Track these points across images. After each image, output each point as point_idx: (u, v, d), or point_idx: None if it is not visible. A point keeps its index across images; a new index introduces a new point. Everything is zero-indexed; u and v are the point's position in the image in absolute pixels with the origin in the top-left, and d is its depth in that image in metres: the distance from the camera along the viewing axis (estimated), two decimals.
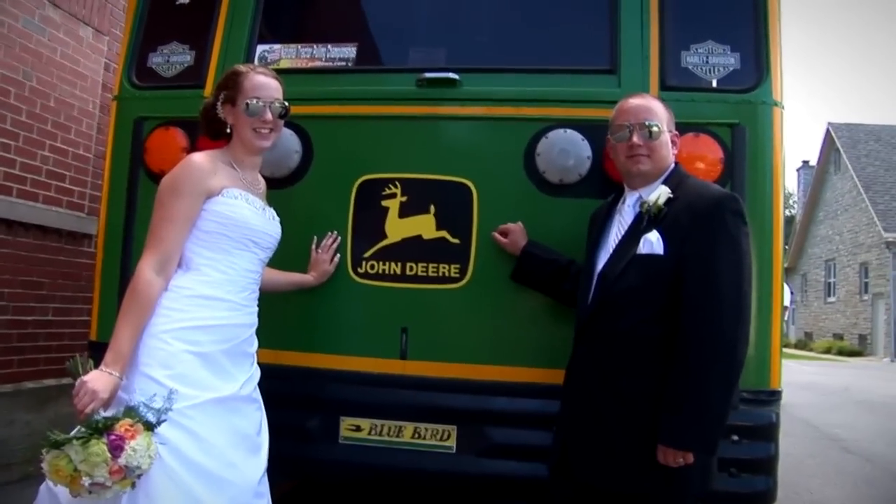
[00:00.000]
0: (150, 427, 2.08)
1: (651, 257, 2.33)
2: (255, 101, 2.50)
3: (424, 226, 3.07)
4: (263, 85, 2.54)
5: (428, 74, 3.08)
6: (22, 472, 4.48)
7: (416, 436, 2.97)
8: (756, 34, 3.03)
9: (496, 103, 3.06)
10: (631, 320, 2.34)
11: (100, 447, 2.00)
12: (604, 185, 2.91)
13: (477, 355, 2.98)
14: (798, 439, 7.73)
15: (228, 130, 2.56)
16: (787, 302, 10.87)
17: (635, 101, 2.55)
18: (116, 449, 2.00)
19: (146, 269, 2.28)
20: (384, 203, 3.08)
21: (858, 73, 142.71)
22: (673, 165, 2.53)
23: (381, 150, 3.11)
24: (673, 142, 2.54)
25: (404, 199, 3.07)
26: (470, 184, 3.03)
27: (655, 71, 3.00)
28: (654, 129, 2.46)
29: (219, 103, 2.55)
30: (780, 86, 3.01)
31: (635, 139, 2.47)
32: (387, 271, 3.05)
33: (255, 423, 2.48)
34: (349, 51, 3.29)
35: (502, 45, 3.29)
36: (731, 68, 3.02)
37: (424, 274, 3.03)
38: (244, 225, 2.45)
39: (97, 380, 2.13)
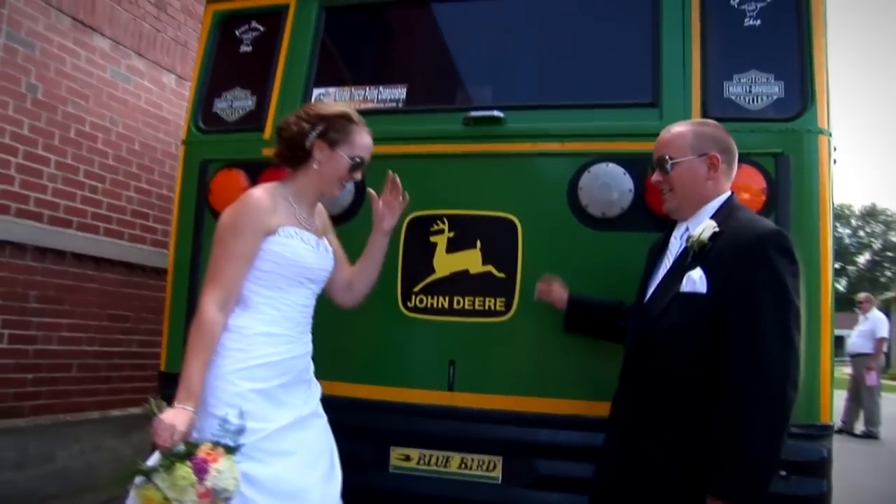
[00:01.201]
0: (230, 451, 2.15)
1: (693, 296, 2.24)
2: (360, 159, 2.58)
3: (471, 260, 3.15)
4: (369, 146, 2.62)
5: (473, 113, 3.18)
6: (108, 495, 4.76)
7: (463, 466, 3.04)
8: (800, 61, 3.00)
9: (539, 139, 3.12)
10: (672, 360, 2.27)
11: (185, 470, 2.05)
12: (646, 218, 2.93)
13: (522, 387, 3.02)
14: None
15: (305, 162, 2.57)
16: (884, 333, 10.42)
17: (659, 136, 2.51)
18: (201, 472, 2.06)
19: (210, 305, 2.35)
20: (433, 239, 3.18)
21: None
22: (727, 195, 2.42)
23: (430, 187, 3.21)
24: (712, 165, 2.39)
25: (451, 234, 3.16)
26: (515, 219, 3.09)
27: (697, 102, 3.01)
28: (666, 161, 2.40)
29: (313, 134, 2.55)
30: (826, 113, 2.97)
31: (654, 177, 2.46)
32: (435, 305, 3.14)
33: (324, 440, 2.56)
34: (399, 92, 3.43)
35: (546, 82, 3.36)
36: (775, 97, 2.99)
37: (471, 308, 3.11)
38: (299, 264, 2.49)
39: (174, 416, 2.19)
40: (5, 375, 4.36)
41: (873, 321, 10.27)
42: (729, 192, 2.44)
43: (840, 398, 11.23)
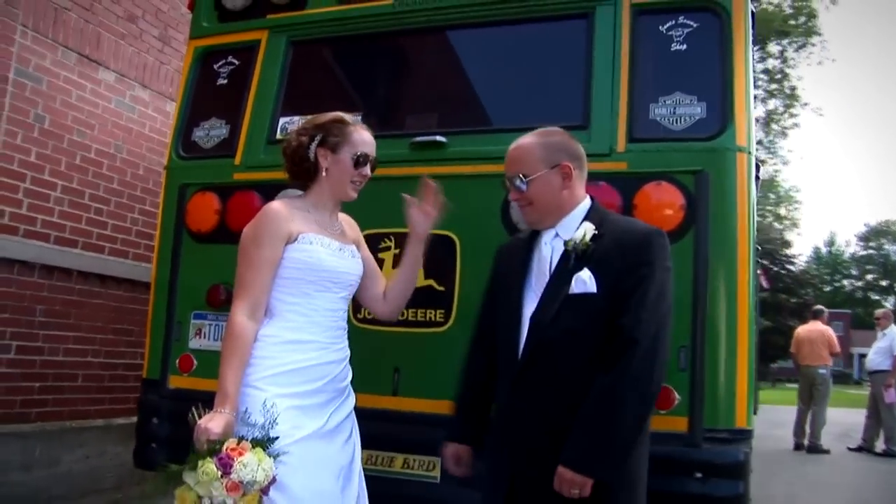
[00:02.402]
0: (257, 444, 2.19)
1: (585, 297, 2.29)
2: (363, 155, 2.62)
3: None
4: (370, 142, 2.66)
5: (418, 138, 3.42)
6: (110, 498, 5.07)
7: (406, 466, 3.24)
8: (721, 83, 3.17)
9: (477, 162, 3.33)
10: (571, 364, 2.29)
11: (208, 466, 2.10)
12: None
13: None
14: None
15: (315, 172, 2.62)
16: None
17: (508, 151, 2.53)
18: (226, 466, 2.10)
19: (239, 314, 2.39)
20: (381, 255, 3.39)
21: None
22: (588, 200, 2.48)
23: (379, 207, 3.43)
24: (565, 175, 2.43)
25: (398, 251, 3.38)
26: (454, 236, 3.32)
27: (623, 124, 3.20)
28: (521, 179, 2.42)
29: (313, 144, 2.60)
30: (745, 132, 3.12)
31: (511, 195, 2.49)
32: None
33: (348, 452, 2.58)
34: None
35: (487, 108, 3.59)
36: (697, 117, 3.16)
37: (414, 319, 3.33)
38: (321, 268, 2.51)
39: (210, 419, 2.23)
40: (13, 384, 4.70)
41: (891, 337, 10.11)
42: (589, 197, 2.50)
43: (861, 416, 11.14)
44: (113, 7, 5.43)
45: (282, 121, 3.81)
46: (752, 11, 3.50)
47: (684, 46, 3.28)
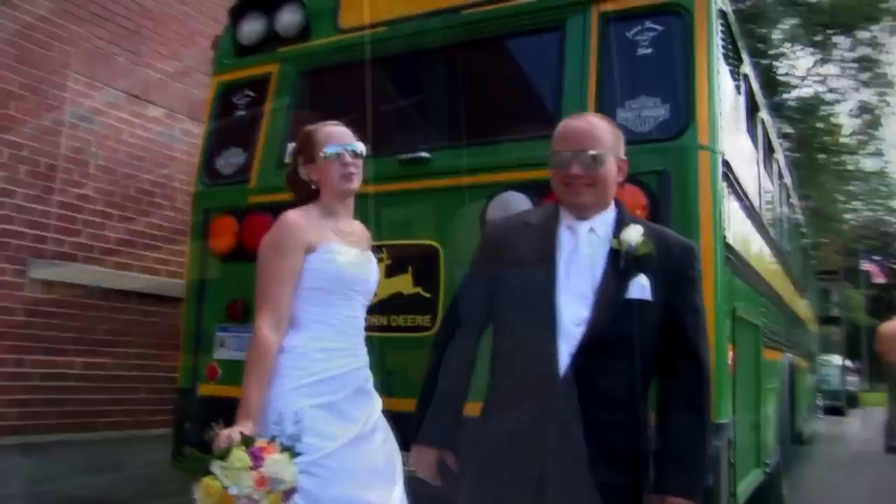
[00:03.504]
0: (286, 449, 2.16)
1: (641, 303, 2.14)
2: (332, 146, 2.57)
3: (404, 284, 3.59)
4: (335, 132, 2.63)
5: (405, 155, 3.65)
6: (173, 502, 5.49)
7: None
8: (684, 84, 3.25)
9: (457, 174, 3.52)
10: (626, 374, 2.14)
11: (240, 454, 2.07)
12: None
13: None
14: None
15: (314, 188, 2.62)
16: None
17: (576, 125, 2.33)
18: (257, 458, 2.08)
19: (263, 327, 2.36)
20: None
21: None
22: (614, 200, 2.33)
23: (372, 221, 3.68)
24: (621, 169, 2.32)
25: (389, 261, 3.61)
26: (437, 245, 3.52)
27: None
28: (600, 158, 2.21)
29: (299, 166, 2.63)
30: (709, 129, 3.19)
31: (574, 170, 2.23)
32: (376, 323, 3.57)
33: (385, 453, 2.57)
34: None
35: (468, 123, 3.76)
36: (661, 119, 3.25)
37: (404, 324, 3.55)
38: (343, 277, 2.52)
39: (230, 431, 2.19)
40: (80, 396, 5.20)
41: None
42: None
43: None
44: (160, 48, 5.93)
45: (290, 146, 4.11)
46: (723, 10, 3.55)
47: (650, 50, 3.37)
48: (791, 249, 6.99)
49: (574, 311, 2.17)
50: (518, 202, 3.33)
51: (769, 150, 5.58)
